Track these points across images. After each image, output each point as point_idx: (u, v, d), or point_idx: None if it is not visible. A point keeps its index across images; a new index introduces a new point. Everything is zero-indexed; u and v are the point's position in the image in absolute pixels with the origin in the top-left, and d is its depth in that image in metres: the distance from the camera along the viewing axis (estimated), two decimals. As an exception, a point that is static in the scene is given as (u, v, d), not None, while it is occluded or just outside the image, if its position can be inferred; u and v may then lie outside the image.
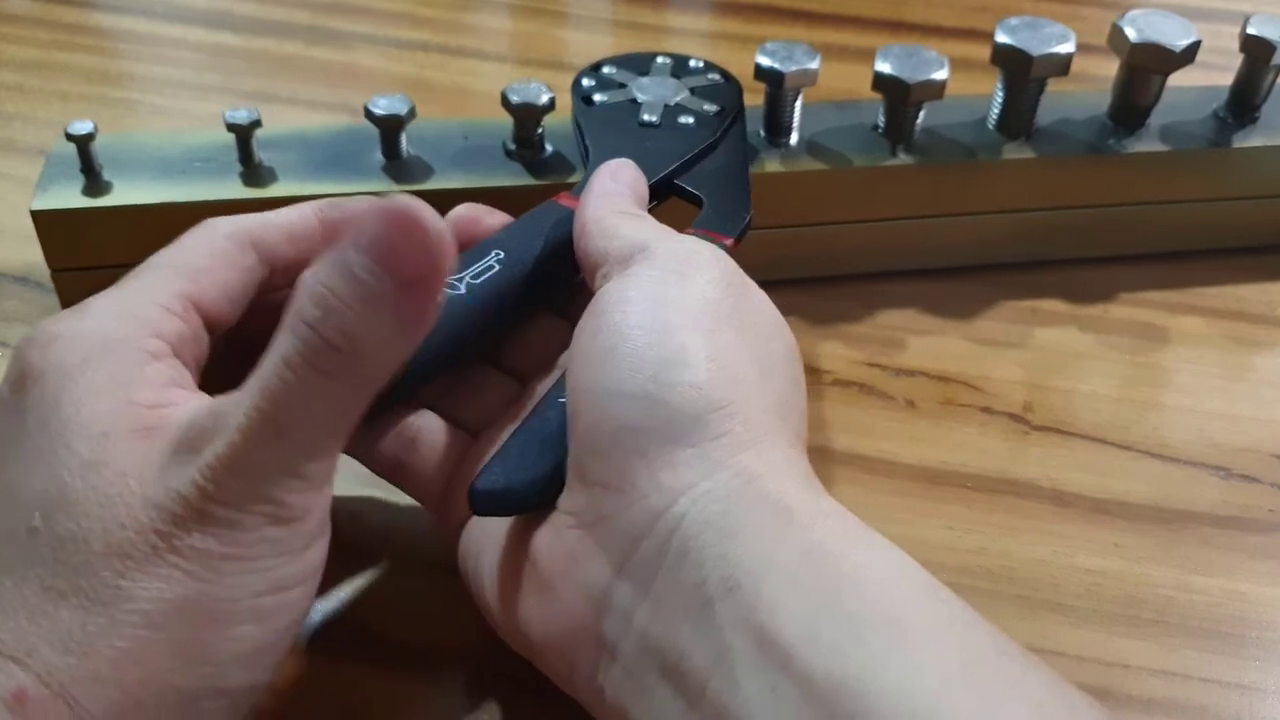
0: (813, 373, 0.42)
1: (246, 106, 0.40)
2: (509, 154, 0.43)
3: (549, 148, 0.43)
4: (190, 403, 0.27)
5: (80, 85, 0.56)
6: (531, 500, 0.28)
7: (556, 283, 0.35)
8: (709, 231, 0.35)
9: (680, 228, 0.34)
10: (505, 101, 0.41)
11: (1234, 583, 0.35)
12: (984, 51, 0.43)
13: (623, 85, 0.42)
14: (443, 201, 0.36)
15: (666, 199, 0.38)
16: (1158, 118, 0.46)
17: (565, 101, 0.42)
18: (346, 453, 0.31)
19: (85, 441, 0.25)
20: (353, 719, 0.31)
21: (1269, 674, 0.33)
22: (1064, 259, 0.47)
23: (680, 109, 0.41)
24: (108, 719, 0.24)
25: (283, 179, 0.41)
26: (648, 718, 0.25)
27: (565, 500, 0.28)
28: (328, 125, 0.44)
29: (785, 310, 0.44)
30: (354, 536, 0.35)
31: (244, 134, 0.40)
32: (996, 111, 0.45)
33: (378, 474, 0.33)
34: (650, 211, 0.35)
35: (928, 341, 0.44)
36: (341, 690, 0.32)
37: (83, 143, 0.40)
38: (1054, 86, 0.44)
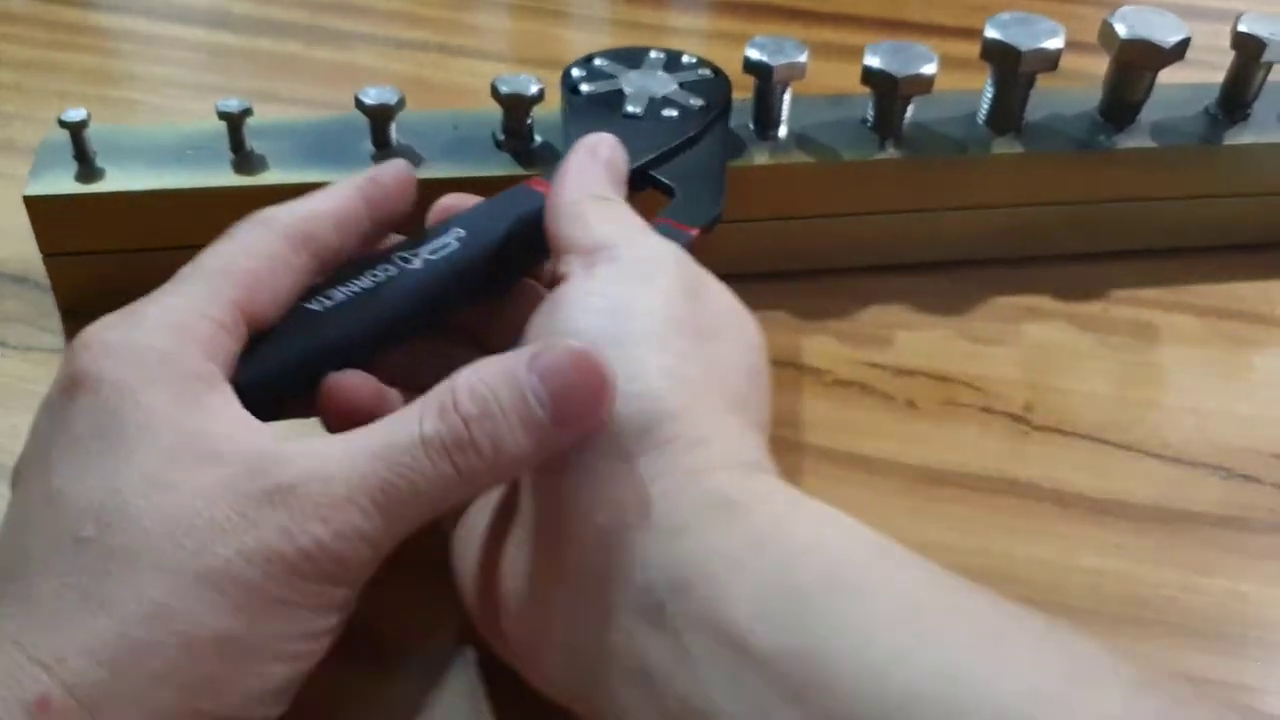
0: (813, 372, 0.42)
1: (242, 98, 0.40)
2: (498, 144, 0.43)
3: (538, 138, 0.43)
4: (260, 434, 0.27)
5: (80, 85, 0.56)
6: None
7: (525, 263, 0.35)
8: (675, 222, 0.35)
9: (649, 214, 0.34)
10: (495, 92, 0.42)
11: (1235, 583, 0.35)
12: (982, 51, 0.43)
13: (612, 77, 0.42)
14: (432, 191, 0.37)
15: (643, 189, 0.38)
16: (1149, 114, 0.46)
17: (555, 93, 0.42)
18: None
19: (150, 461, 0.25)
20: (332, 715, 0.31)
21: (1269, 674, 0.33)
22: (1053, 255, 0.47)
23: (665, 102, 0.41)
24: None
25: (274, 167, 0.41)
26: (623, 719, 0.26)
27: (527, 512, 0.28)
28: (319, 115, 0.44)
29: (771, 304, 0.44)
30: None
31: (235, 122, 0.40)
32: (986, 106, 0.45)
33: None
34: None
35: (916, 337, 0.44)
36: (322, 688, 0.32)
37: (76, 130, 0.40)
38: (1046, 83, 0.44)
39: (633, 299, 0.29)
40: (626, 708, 0.25)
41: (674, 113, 0.40)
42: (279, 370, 0.30)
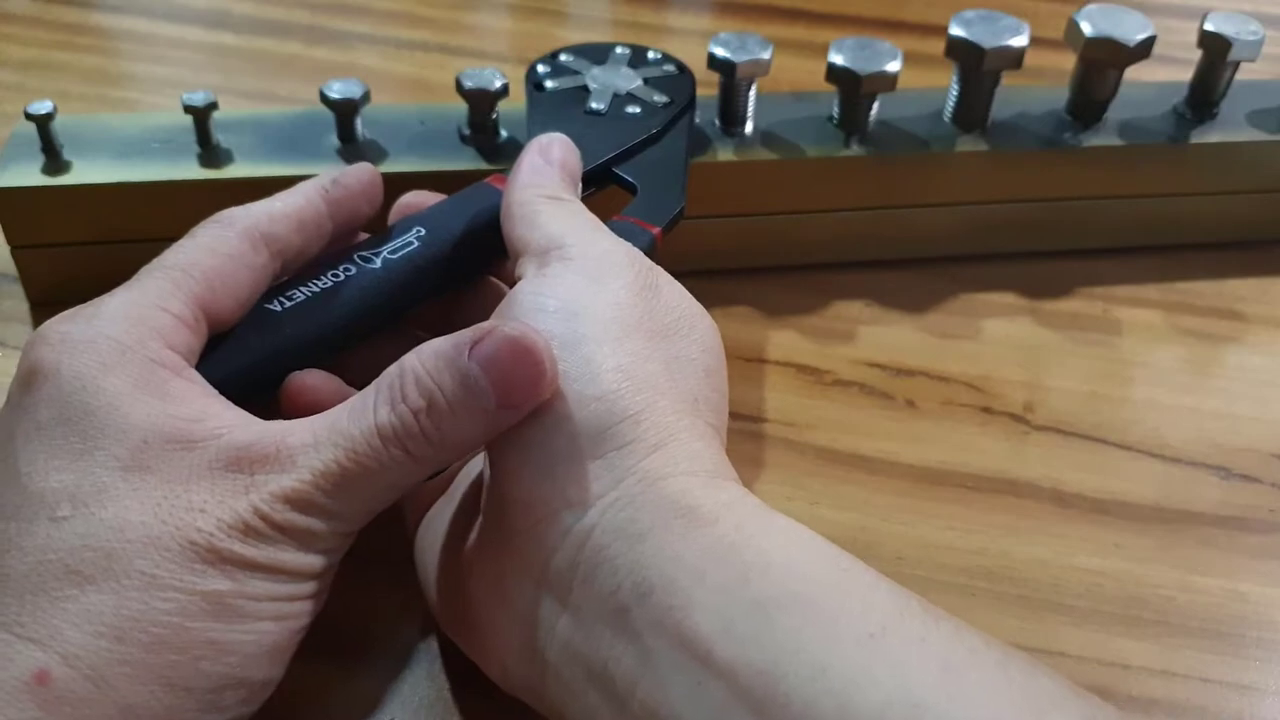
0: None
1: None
2: (464, 139, 0.43)
3: (504, 133, 0.43)
4: (228, 417, 0.27)
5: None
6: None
7: (485, 260, 0.35)
8: (638, 220, 0.35)
9: (612, 213, 0.34)
10: (459, 87, 0.42)
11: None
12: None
13: (576, 73, 0.42)
14: (397, 185, 0.37)
15: (605, 187, 0.38)
16: (1117, 113, 0.46)
17: (519, 83, 0.42)
18: None
19: (124, 446, 0.26)
20: (307, 711, 0.31)
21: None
22: (1019, 252, 0.47)
23: (629, 99, 0.41)
24: (139, 701, 0.24)
25: (239, 160, 0.41)
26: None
27: (489, 513, 0.28)
28: (285, 109, 0.44)
29: (736, 300, 0.45)
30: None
31: (201, 116, 0.41)
32: (952, 104, 0.45)
33: None
34: (588, 199, 0.35)
35: (881, 333, 0.44)
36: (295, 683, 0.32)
37: (42, 122, 0.40)
38: (1014, 81, 0.44)
39: (586, 299, 0.29)
40: (587, 709, 0.25)
41: (637, 109, 0.40)
42: (238, 370, 0.30)
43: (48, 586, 0.24)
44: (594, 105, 0.40)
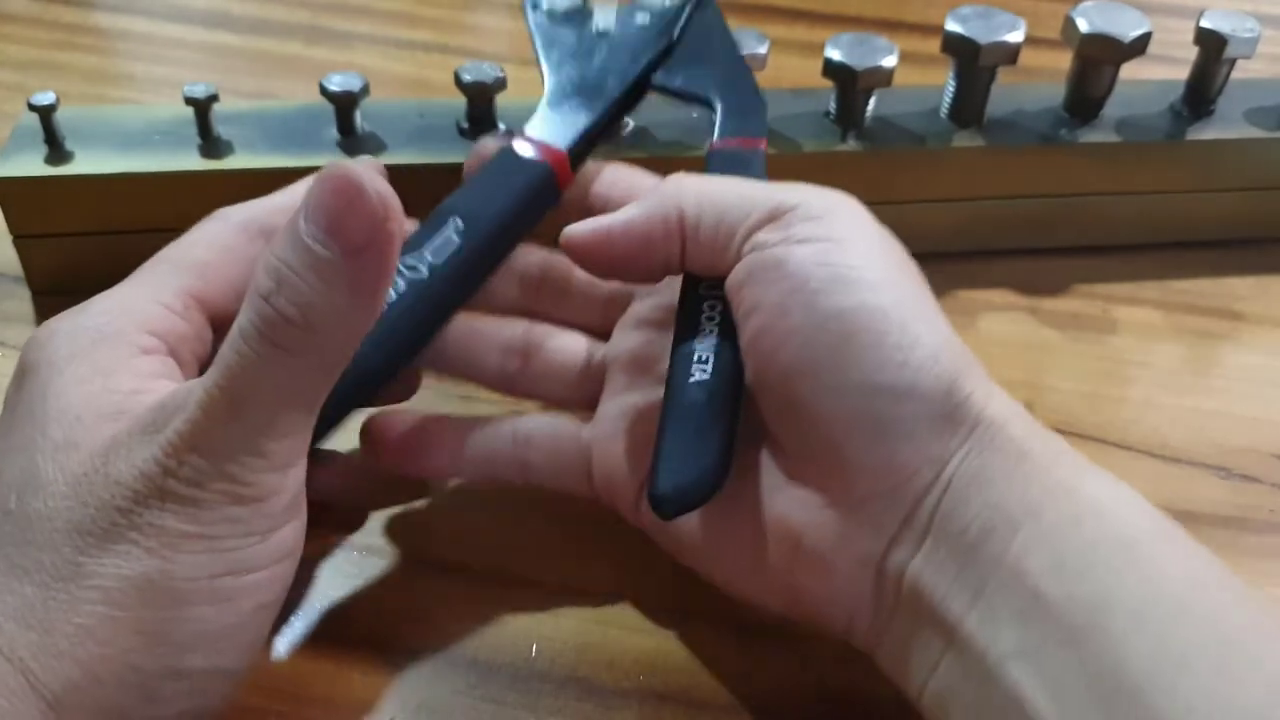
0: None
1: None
2: (462, 132, 0.43)
3: (502, 126, 0.43)
4: (160, 389, 0.27)
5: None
6: (712, 490, 0.28)
7: (520, 235, 0.34)
8: (741, 140, 0.34)
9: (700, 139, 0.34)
10: (458, 80, 0.42)
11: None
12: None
13: None
14: (396, 177, 0.37)
15: (642, 98, 0.38)
16: (1114, 110, 0.46)
17: (518, 85, 0.42)
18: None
19: (60, 426, 0.26)
20: (306, 710, 0.31)
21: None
22: (1015, 249, 0.47)
23: (635, 8, 0.39)
24: (66, 694, 0.24)
25: (240, 152, 0.41)
26: (917, 661, 0.27)
27: (816, 479, 0.28)
28: (286, 102, 0.45)
29: None
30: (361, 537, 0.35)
31: (202, 108, 0.41)
32: (948, 100, 0.45)
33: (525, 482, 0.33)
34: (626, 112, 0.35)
35: None
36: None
37: (45, 113, 0.40)
38: (1012, 78, 0.44)
39: (865, 258, 0.29)
40: (920, 647, 0.27)
41: (646, 17, 0.39)
42: None
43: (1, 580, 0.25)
44: (599, 25, 0.39)
